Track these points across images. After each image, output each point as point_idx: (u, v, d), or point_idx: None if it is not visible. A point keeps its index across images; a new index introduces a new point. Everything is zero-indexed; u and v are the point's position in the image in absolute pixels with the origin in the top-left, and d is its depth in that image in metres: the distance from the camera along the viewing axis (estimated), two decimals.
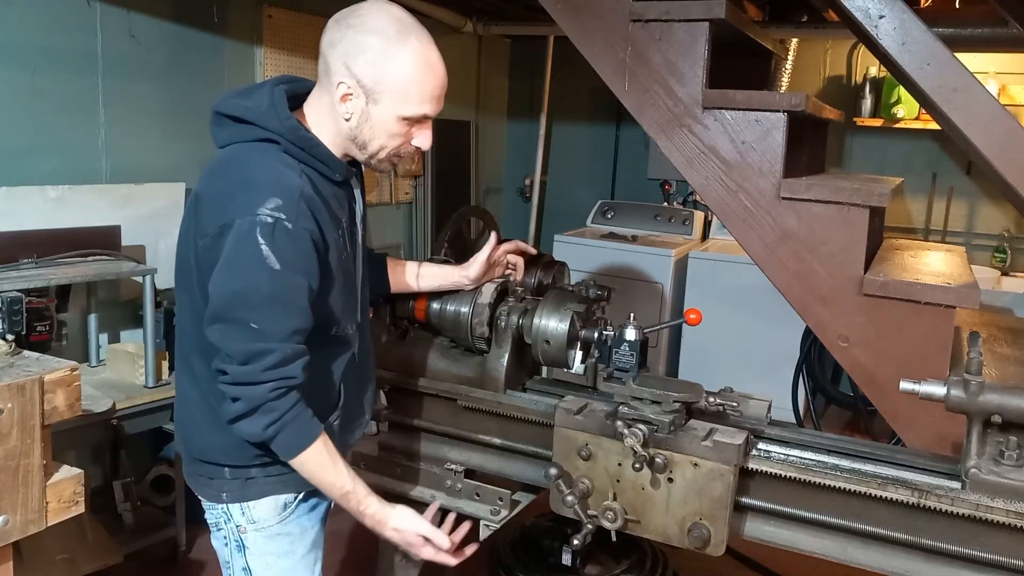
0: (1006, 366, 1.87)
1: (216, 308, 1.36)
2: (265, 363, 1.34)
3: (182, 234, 1.49)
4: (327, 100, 1.45)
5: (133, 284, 3.11)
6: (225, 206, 1.36)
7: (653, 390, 1.59)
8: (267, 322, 1.34)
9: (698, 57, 1.93)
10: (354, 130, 1.45)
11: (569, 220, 5.21)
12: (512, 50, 5.64)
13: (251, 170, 1.39)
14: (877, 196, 1.83)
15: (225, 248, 1.34)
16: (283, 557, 1.56)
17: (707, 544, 1.56)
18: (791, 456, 1.61)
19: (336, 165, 1.47)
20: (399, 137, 1.46)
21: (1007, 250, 4.49)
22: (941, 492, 1.46)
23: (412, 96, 1.41)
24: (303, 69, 3.93)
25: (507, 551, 2.19)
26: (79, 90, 3.01)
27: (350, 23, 1.41)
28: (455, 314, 1.88)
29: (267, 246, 1.32)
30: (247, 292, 1.33)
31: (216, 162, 1.46)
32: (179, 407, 1.59)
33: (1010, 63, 4.30)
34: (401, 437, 2.00)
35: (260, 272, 1.32)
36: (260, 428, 1.37)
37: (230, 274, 1.34)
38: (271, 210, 1.33)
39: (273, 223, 1.32)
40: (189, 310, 1.48)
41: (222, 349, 1.36)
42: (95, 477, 3.04)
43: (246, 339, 1.34)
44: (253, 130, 1.42)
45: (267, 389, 1.35)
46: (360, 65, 1.39)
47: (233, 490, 1.51)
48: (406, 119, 1.43)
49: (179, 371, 1.59)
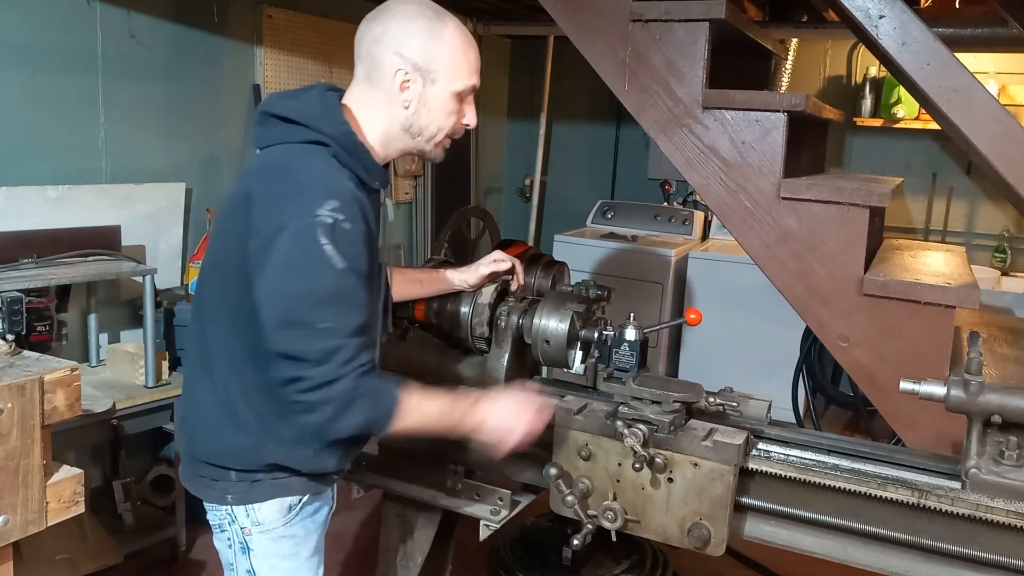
0: (1006, 366, 1.87)
1: (282, 312, 1.35)
2: (340, 358, 1.34)
3: (222, 233, 1.47)
4: (378, 96, 1.47)
5: (133, 284, 3.11)
6: (281, 207, 1.36)
7: (653, 390, 1.59)
8: (336, 320, 1.35)
9: (698, 57, 1.93)
10: (411, 118, 1.48)
11: (569, 220, 5.21)
12: (512, 50, 5.64)
13: (305, 173, 1.40)
14: (877, 196, 1.83)
15: (281, 250, 1.33)
16: (288, 559, 1.55)
17: (707, 544, 1.56)
18: (791, 456, 1.61)
19: (377, 174, 1.49)
20: (453, 115, 1.50)
21: (1007, 250, 4.49)
22: (941, 492, 1.46)
23: (462, 69, 1.48)
24: (303, 69, 3.93)
25: (507, 551, 2.19)
26: (79, 90, 3.01)
27: (389, 16, 1.46)
28: (455, 314, 1.88)
29: (330, 246, 1.33)
30: (313, 293, 1.33)
31: (265, 163, 1.46)
32: (187, 408, 1.57)
33: (1010, 63, 4.30)
34: (401, 437, 1.99)
35: (325, 272, 1.33)
36: (361, 420, 1.38)
37: (293, 276, 1.34)
38: (330, 211, 1.33)
39: (333, 223, 1.33)
40: (222, 312, 1.46)
41: (293, 355, 1.34)
42: (95, 477, 3.04)
43: (317, 339, 1.34)
44: (303, 131, 1.43)
45: (350, 380, 1.35)
46: (412, 48, 1.44)
47: (239, 492, 1.50)
48: (458, 94, 1.48)
49: (192, 372, 1.56)
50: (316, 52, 3.99)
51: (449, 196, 5.05)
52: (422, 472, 1.95)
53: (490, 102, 5.53)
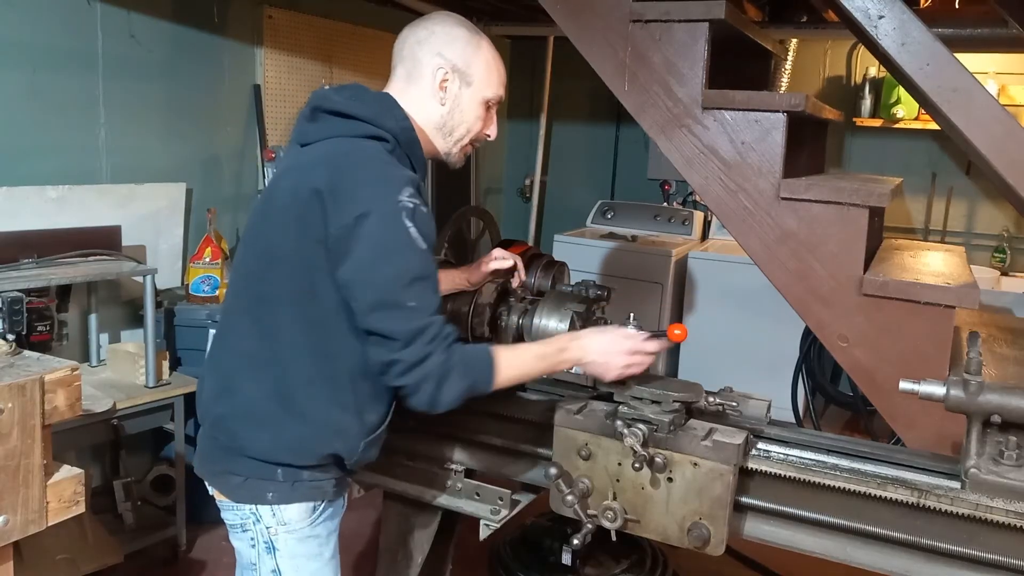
0: (1006, 366, 1.87)
1: (374, 296, 1.40)
2: (427, 336, 1.40)
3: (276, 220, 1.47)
4: (418, 94, 1.56)
5: (133, 284, 3.11)
6: (359, 194, 1.41)
7: (653, 390, 1.59)
8: (421, 299, 1.41)
9: (698, 57, 1.93)
10: (445, 116, 1.57)
11: (569, 220, 5.21)
12: (512, 50, 5.64)
13: (374, 163, 1.46)
14: (877, 196, 1.83)
15: (369, 235, 1.38)
16: (313, 559, 1.56)
17: (707, 544, 1.56)
18: (791, 456, 1.61)
19: (422, 170, 1.57)
20: (480, 121, 1.61)
21: (1007, 250, 4.49)
22: (941, 492, 1.46)
23: (494, 79, 1.60)
24: (303, 69, 3.93)
25: (507, 551, 2.20)
26: (79, 90, 3.01)
27: (434, 23, 1.57)
28: (455, 314, 1.88)
29: (414, 228, 1.40)
30: (403, 273, 1.40)
31: (330, 155, 1.47)
32: (227, 404, 1.53)
33: (1010, 63, 4.30)
34: (401, 437, 1.99)
35: (412, 253, 1.40)
36: (459, 390, 1.43)
37: (384, 258, 1.39)
38: (408, 197, 1.41)
39: (413, 208, 1.41)
40: (284, 305, 1.46)
41: (383, 335, 1.40)
42: (95, 477, 3.04)
43: (407, 319, 1.40)
44: (363, 127, 1.49)
45: (439, 354, 1.41)
46: (455, 51, 1.55)
47: (281, 491, 1.50)
48: (487, 101, 1.59)
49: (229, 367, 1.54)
50: (316, 52, 3.99)
51: (449, 196, 5.05)
52: (422, 472, 1.95)
53: None
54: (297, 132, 1.56)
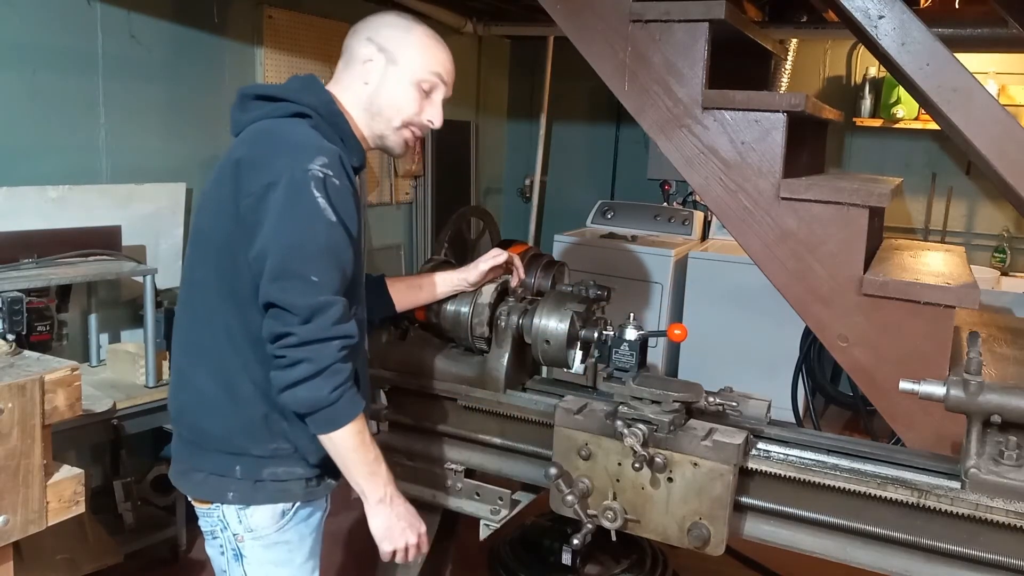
0: (1006, 366, 1.87)
1: (275, 264, 1.34)
2: (330, 317, 1.34)
3: (208, 208, 1.48)
4: (348, 78, 1.54)
5: (133, 284, 3.11)
6: (271, 164, 1.38)
7: (653, 390, 1.59)
8: (324, 274, 1.36)
9: (698, 57, 1.93)
10: (371, 95, 1.52)
11: (569, 220, 5.21)
12: (512, 50, 5.64)
13: (292, 135, 1.43)
14: (876, 196, 1.83)
15: (275, 203, 1.35)
16: (282, 566, 1.53)
17: (707, 544, 1.56)
18: (791, 456, 1.61)
19: (356, 148, 1.52)
20: (414, 104, 1.53)
21: (1007, 250, 4.49)
22: (941, 492, 1.46)
23: (426, 61, 1.53)
24: (303, 69, 3.92)
25: (507, 551, 2.20)
26: (79, 90, 3.01)
27: (370, 16, 1.57)
28: (455, 314, 1.88)
29: (323, 199, 1.35)
30: (306, 243, 1.35)
31: (252, 132, 1.47)
32: (185, 397, 1.54)
33: (1010, 63, 4.30)
34: (401, 437, 2.00)
35: (318, 223, 1.35)
36: (325, 392, 1.35)
37: (287, 227, 1.35)
38: (320, 166, 1.36)
39: (324, 178, 1.36)
40: (215, 287, 1.45)
41: (282, 307, 1.34)
42: (95, 477, 3.04)
43: (308, 293, 1.34)
44: (286, 106, 1.48)
45: (336, 347, 1.35)
46: (383, 35, 1.53)
47: (241, 490, 1.48)
48: (419, 84, 1.52)
49: (185, 359, 1.54)
50: (316, 52, 3.99)
51: (449, 196, 5.05)
52: (422, 472, 1.95)
53: (490, 102, 5.53)
54: (232, 124, 1.54)
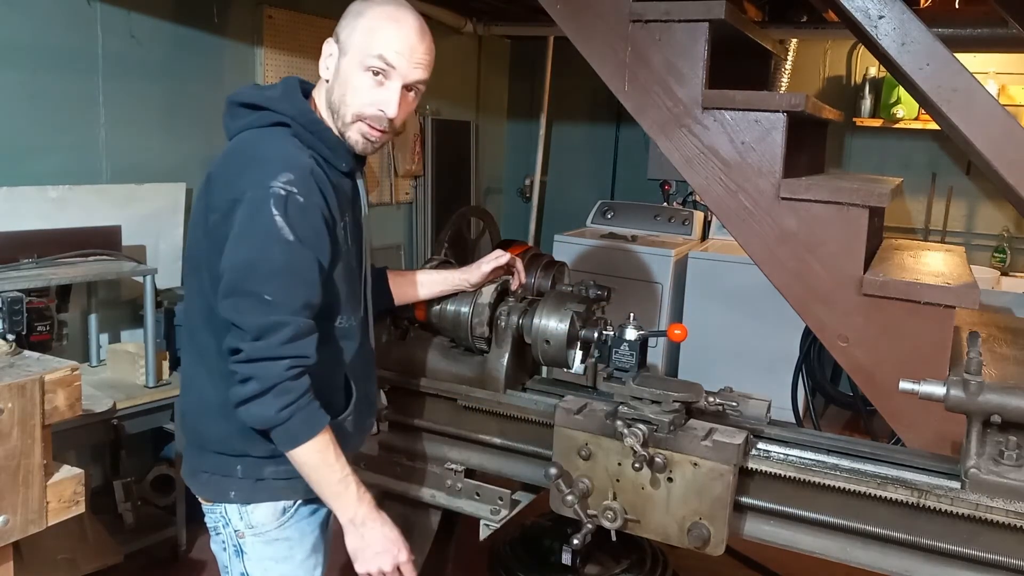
0: (1006, 366, 1.87)
1: (229, 280, 1.35)
2: (280, 337, 1.33)
3: (193, 218, 1.50)
4: (320, 83, 1.53)
5: (133, 284, 3.11)
6: (235, 181, 1.38)
7: (653, 390, 1.59)
8: (280, 294, 1.34)
9: (698, 57, 1.93)
10: (331, 92, 1.49)
11: (569, 220, 5.22)
12: (512, 50, 5.64)
13: (261, 148, 1.42)
14: (877, 196, 1.83)
15: (237, 220, 1.35)
16: (281, 562, 1.54)
17: (707, 544, 1.56)
18: (791, 456, 1.61)
19: (342, 153, 1.50)
20: (362, 92, 1.45)
21: (1007, 250, 4.49)
22: (941, 492, 1.46)
23: (374, 45, 1.44)
24: (303, 69, 3.92)
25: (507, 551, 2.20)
26: (79, 90, 3.01)
27: None
28: (455, 314, 1.88)
29: (281, 217, 1.33)
30: (260, 262, 1.34)
31: (228, 147, 1.48)
32: (188, 400, 1.56)
33: (1010, 63, 4.30)
34: (401, 437, 2.00)
35: (274, 243, 1.33)
36: (273, 411, 1.34)
37: (243, 245, 1.35)
38: (283, 183, 1.34)
39: (286, 196, 1.34)
40: (199, 294, 1.47)
41: (235, 324, 1.34)
42: (95, 477, 3.04)
43: (259, 312, 1.33)
44: (267, 115, 1.47)
45: (284, 367, 1.34)
46: (340, 25, 1.49)
47: (243, 489, 1.49)
48: (368, 69, 1.44)
49: (189, 361, 1.57)
50: (316, 52, 3.92)
51: (449, 196, 5.06)
52: (422, 472, 1.95)
53: (490, 102, 5.53)
54: (225, 132, 1.54)
